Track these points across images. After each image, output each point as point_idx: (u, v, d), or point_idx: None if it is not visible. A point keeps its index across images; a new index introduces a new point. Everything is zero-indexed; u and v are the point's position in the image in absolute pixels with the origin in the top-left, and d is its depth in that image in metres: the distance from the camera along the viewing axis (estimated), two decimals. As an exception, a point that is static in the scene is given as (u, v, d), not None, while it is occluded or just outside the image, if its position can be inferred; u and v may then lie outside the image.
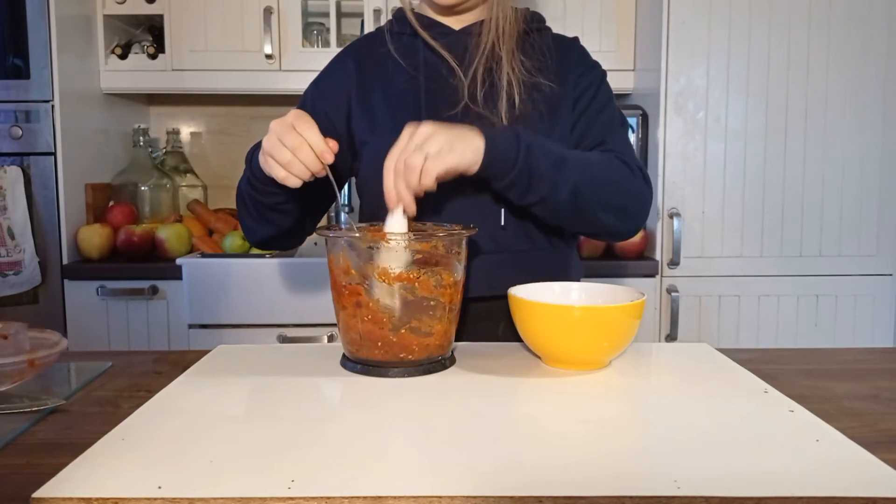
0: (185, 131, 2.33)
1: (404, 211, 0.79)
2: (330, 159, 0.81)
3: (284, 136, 0.80)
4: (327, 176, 0.81)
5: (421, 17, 1.01)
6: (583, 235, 1.03)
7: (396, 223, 0.79)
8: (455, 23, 1.01)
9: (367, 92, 1.00)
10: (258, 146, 0.91)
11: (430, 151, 0.78)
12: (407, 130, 0.80)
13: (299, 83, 2.00)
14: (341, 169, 1.03)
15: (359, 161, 1.02)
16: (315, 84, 1.07)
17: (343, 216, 0.81)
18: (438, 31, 1.00)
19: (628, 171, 0.95)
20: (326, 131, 0.95)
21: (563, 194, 0.88)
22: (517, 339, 0.84)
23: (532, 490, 0.47)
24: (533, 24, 1.01)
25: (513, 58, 0.96)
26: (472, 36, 0.99)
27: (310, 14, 2.11)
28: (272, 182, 0.84)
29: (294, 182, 0.82)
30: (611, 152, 0.96)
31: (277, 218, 0.97)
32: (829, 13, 1.81)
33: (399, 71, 0.99)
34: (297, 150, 0.80)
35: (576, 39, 1.05)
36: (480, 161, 0.82)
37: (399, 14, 1.04)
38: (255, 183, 0.92)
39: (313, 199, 0.97)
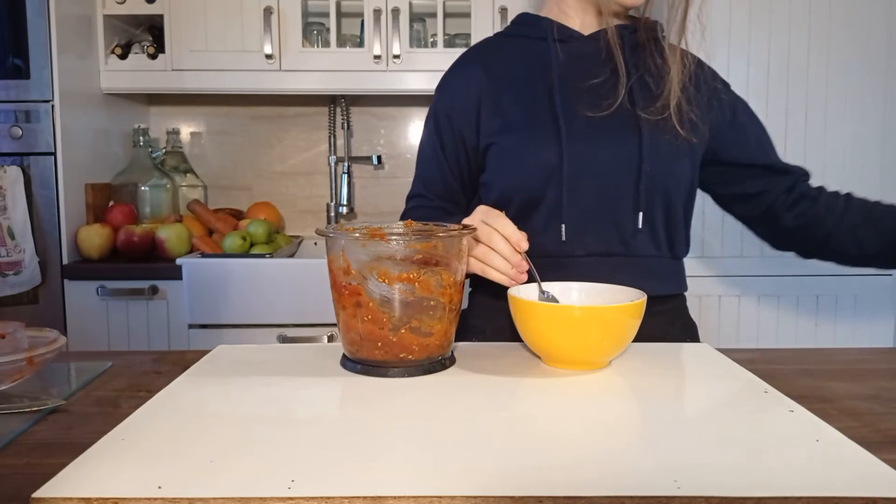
0: (185, 131, 2.34)
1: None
2: (525, 246, 0.83)
3: (478, 236, 0.84)
4: (528, 264, 0.83)
5: (549, 21, 1.02)
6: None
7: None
8: (583, 28, 1.01)
9: (498, 94, 1.00)
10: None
11: None
12: None
13: (299, 83, 2.01)
14: (468, 181, 1.05)
15: (484, 161, 1.02)
16: (441, 92, 1.06)
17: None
18: (566, 34, 1.00)
19: None
20: (460, 142, 1.02)
21: None
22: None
23: (532, 490, 0.47)
24: (658, 31, 1.02)
25: (664, 61, 0.97)
26: (601, 41, 0.99)
27: (310, 14, 2.11)
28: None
29: (495, 276, 0.84)
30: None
31: None
32: (829, 14, 1.81)
33: (530, 73, 0.99)
34: (491, 242, 0.83)
35: (699, 59, 1.05)
36: None
37: (523, 18, 1.04)
38: None
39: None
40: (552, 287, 0.84)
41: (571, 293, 0.84)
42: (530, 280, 0.84)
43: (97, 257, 1.85)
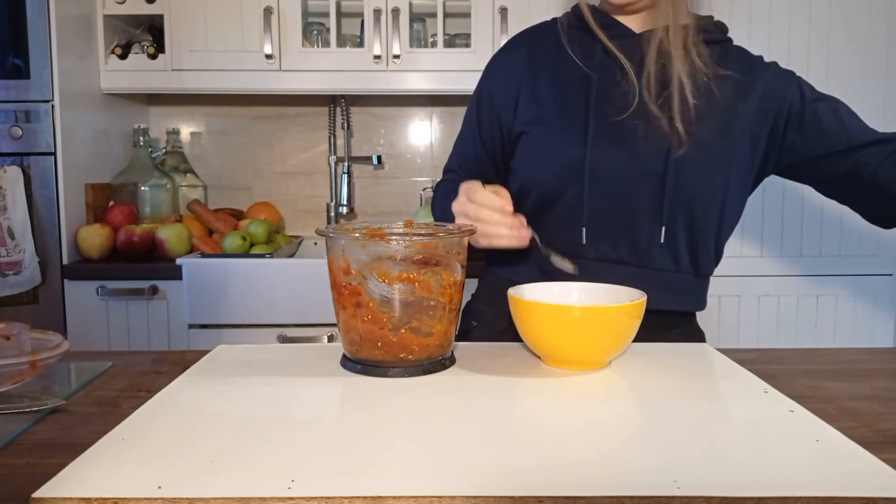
0: (185, 131, 2.34)
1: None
2: (509, 209, 0.86)
3: (467, 213, 0.87)
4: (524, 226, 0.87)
5: (602, 16, 0.99)
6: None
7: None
8: (635, 25, 0.98)
9: (538, 82, 0.98)
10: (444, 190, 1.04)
11: None
12: None
13: (299, 83, 2.01)
14: (500, 162, 1.05)
15: (515, 147, 1.01)
16: (488, 71, 1.06)
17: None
18: (617, 31, 0.98)
19: None
20: (497, 123, 1.02)
21: None
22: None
23: (532, 490, 0.47)
24: (715, 33, 0.98)
25: (687, 60, 0.93)
26: (649, 40, 0.96)
27: (310, 14, 2.11)
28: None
29: (501, 243, 0.87)
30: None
31: None
32: (829, 14, 1.81)
33: (572, 67, 0.97)
34: (479, 216, 0.86)
35: (760, 58, 1.01)
36: None
37: (578, 10, 1.02)
38: None
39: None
40: (553, 286, 0.84)
41: (571, 293, 0.84)
42: (533, 245, 0.88)
43: (97, 257, 1.85)
